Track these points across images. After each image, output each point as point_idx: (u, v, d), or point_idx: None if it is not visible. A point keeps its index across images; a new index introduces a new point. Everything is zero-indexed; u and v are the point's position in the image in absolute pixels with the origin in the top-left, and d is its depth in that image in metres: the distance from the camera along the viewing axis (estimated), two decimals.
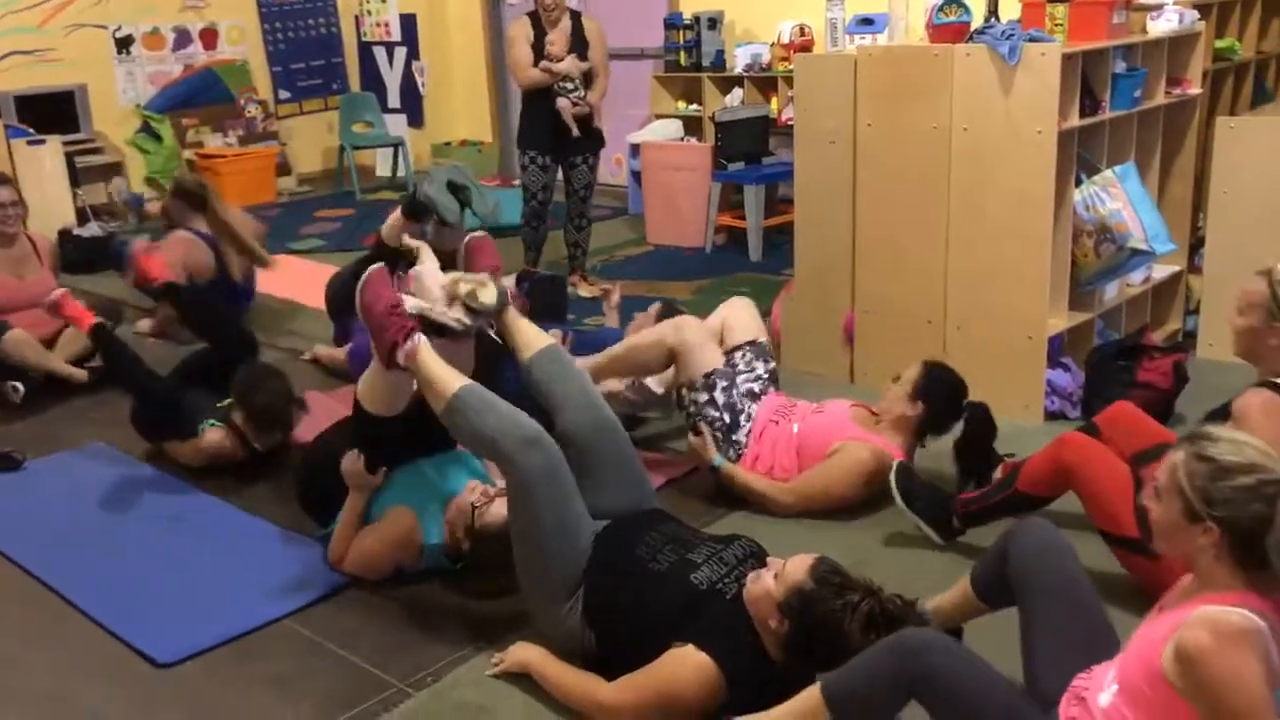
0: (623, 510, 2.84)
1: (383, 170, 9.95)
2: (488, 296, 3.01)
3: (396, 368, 2.89)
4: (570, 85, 5.75)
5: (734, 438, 3.65)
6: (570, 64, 5.73)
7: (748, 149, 7.05)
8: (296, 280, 6.26)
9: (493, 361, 3.26)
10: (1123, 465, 2.93)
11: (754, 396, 3.73)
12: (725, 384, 3.69)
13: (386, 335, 2.88)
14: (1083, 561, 2.39)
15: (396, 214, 4.58)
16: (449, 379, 2.80)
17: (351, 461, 3.15)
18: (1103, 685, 2.05)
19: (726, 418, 3.64)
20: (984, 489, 3.21)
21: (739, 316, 3.98)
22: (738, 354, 3.84)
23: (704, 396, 3.67)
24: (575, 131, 5.77)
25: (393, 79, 10.04)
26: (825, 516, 3.48)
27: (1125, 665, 1.99)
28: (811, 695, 2.22)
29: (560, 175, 6.02)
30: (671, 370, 3.81)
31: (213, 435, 3.92)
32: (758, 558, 2.72)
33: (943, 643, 2.16)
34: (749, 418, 3.66)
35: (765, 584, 2.47)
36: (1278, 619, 1.86)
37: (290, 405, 3.98)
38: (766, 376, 3.82)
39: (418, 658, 2.86)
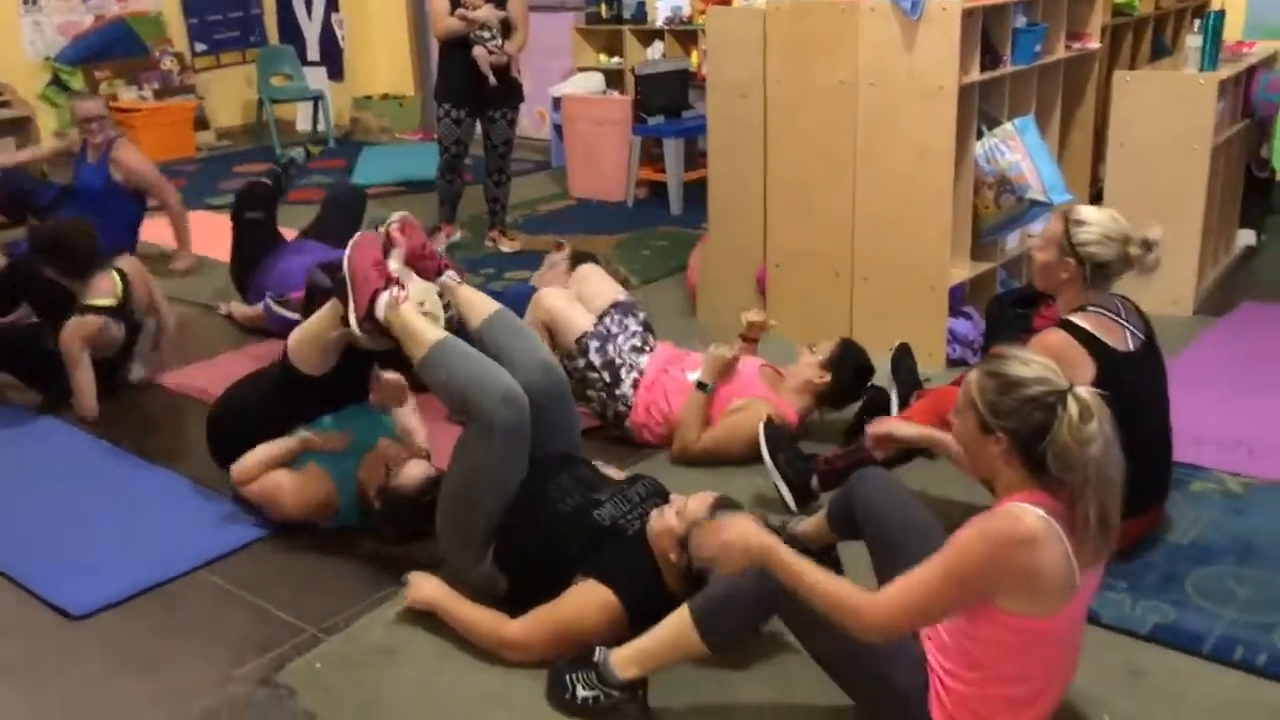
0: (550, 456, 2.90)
1: (303, 124, 9.83)
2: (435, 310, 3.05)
3: (371, 321, 2.91)
4: (487, 34, 5.70)
5: (617, 392, 3.72)
6: (487, 12, 5.68)
7: (667, 102, 7.09)
8: (215, 236, 6.19)
9: None
10: None
11: (639, 351, 3.82)
12: (598, 344, 3.76)
13: (368, 286, 2.92)
14: (962, 501, 2.53)
15: None
16: (428, 330, 2.85)
17: (333, 439, 3.21)
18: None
19: (606, 376, 3.72)
20: (851, 446, 3.29)
21: (592, 285, 4.04)
22: (606, 319, 3.90)
23: (581, 361, 3.75)
24: (492, 81, 5.72)
25: (312, 31, 9.90)
26: (727, 463, 3.59)
27: None
28: (680, 613, 2.35)
29: (480, 130, 6.01)
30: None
31: (66, 329, 4.03)
32: (660, 495, 2.83)
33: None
34: (631, 370, 3.74)
35: (667, 520, 2.59)
36: (1067, 513, 2.03)
37: (80, 228, 4.16)
38: (642, 329, 3.90)
39: (330, 604, 2.93)
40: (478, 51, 5.68)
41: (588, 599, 2.57)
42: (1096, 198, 5.26)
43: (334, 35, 9.91)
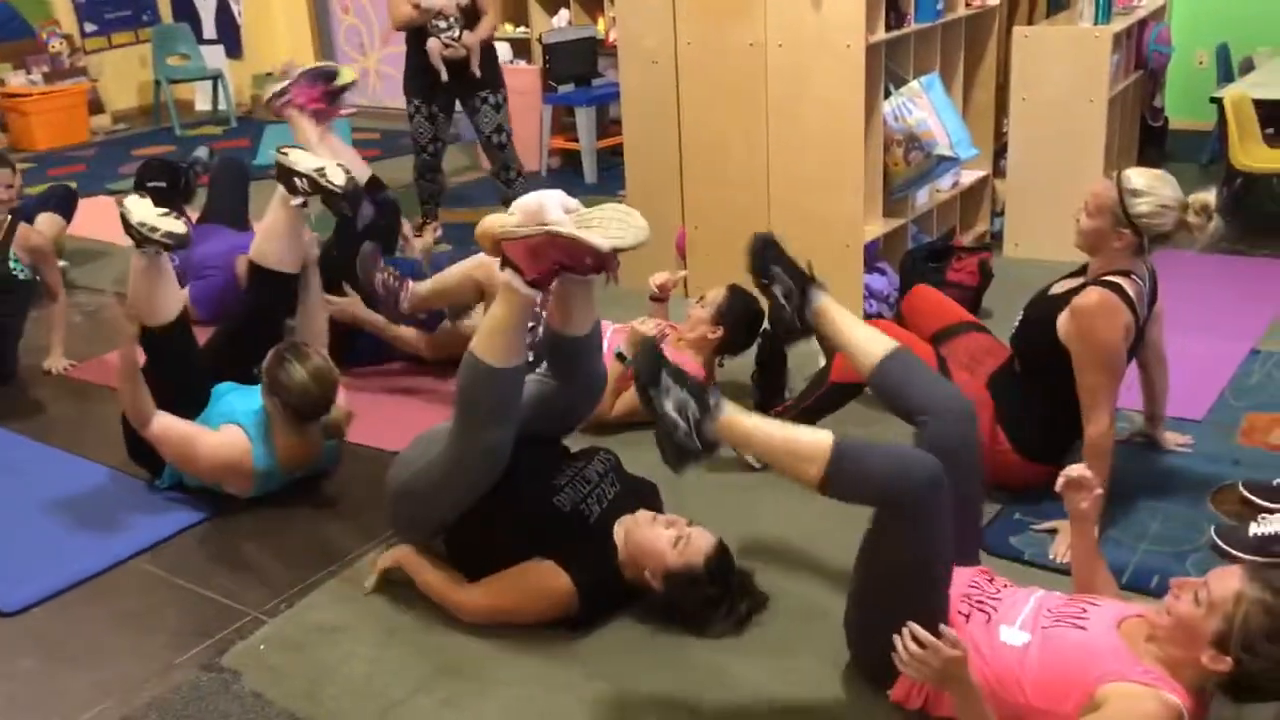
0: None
1: (203, 104, 9.61)
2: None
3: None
4: (443, 24, 5.24)
5: (539, 370, 3.70)
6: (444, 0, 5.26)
7: (577, 70, 7.08)
8: (117, 223, 6.05)
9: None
10: (924, 345, 3.17)
11: None
12: (531, 324, 3.76)
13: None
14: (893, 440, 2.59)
15: None
16: (512, 345, 2.57)
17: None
18: (1013, 620, 2.20)
19: (530, 356, 3.69)
20: (792, 398, 3.37)
21: None
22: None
23: None
24: (444, 76, 5.28)
25: (207, 8, 9.66)
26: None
27: (1054, 646, 2.15)
28: (822, 437, 2.19)
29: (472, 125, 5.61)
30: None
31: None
32: (618, 471, 2.85)
33: (948, 502, 2.19)
34: None
35: (661, 544, 2.54)
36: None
37: None
38: None
39: (271, 586, 2.92)
40: (431, 45, 5.24)
41: (542, 578, 2.59)
42: (1001, 151, 5.40)
43: (230, 11, 9.67)
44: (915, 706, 2.25)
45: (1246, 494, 3.04)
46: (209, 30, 9.63)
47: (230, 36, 9.70)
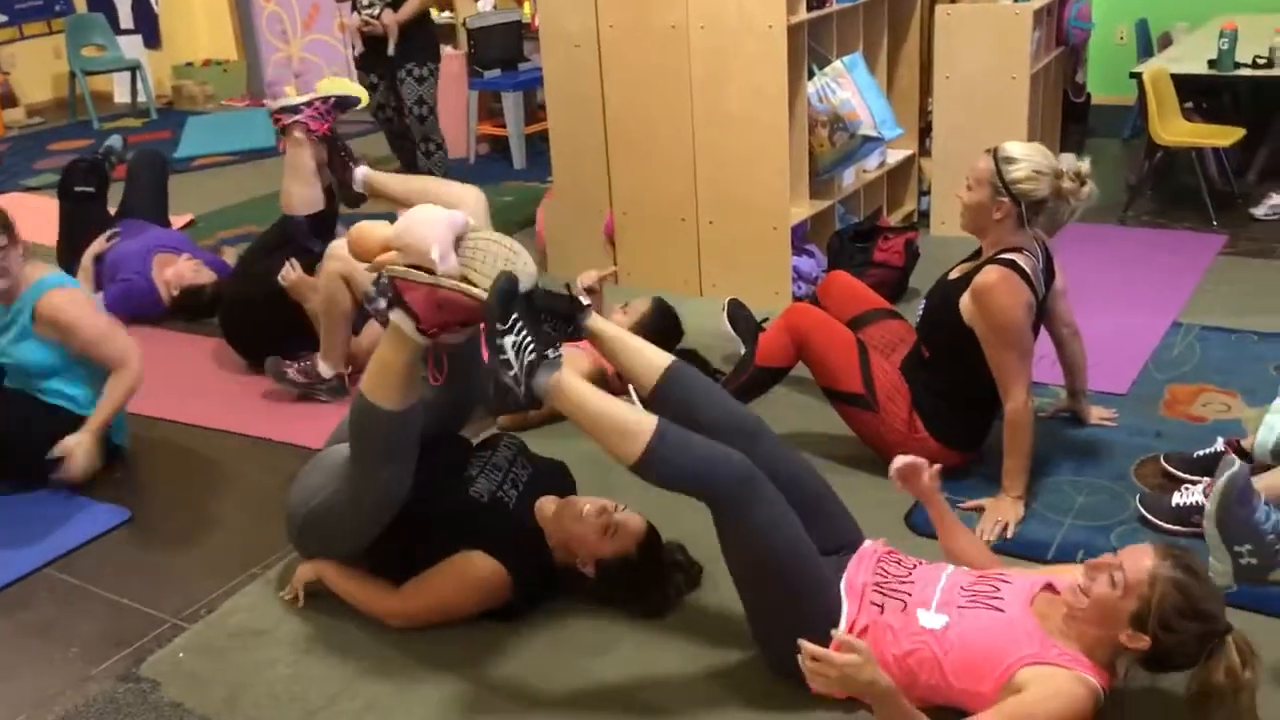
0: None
1: (122, 96, 9.38)
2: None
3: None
4: (365, 1, 5.51)
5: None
6: None
7: (502, 55, 7.00)
8: (36, 219, 5.87)
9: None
10: (845, 329, 3.17)
11: None
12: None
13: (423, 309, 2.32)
14: (815, 426, 2.59)
15: None
16: (404, 389, 2.39)
17: None
18: (928, 602, 2.20)
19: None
20: (719, 381, 3.34)
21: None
22: None
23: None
24: (357, 49, 5.56)
25: None
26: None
27: (971, 626, 2.16)
28: (649, 420, 2.22)
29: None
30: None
31: None
32: (525, 454, 2.83)
33: (774, 493, 2.24)
34: None
35: (592, 534, 2.52)
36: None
37: None
38: None
39: (189, 592, 2.85)
40: (351, 19, 5.50)
41: (473, 569, 2.53)
42: (926, 130, 5.42)
43: (147, 0, 9.44)
44: (841, 696, 2.24)
45: (1167, 466, 3.07)
46: (125, 20, 9.40)
47: (148, 26, 9.47)
